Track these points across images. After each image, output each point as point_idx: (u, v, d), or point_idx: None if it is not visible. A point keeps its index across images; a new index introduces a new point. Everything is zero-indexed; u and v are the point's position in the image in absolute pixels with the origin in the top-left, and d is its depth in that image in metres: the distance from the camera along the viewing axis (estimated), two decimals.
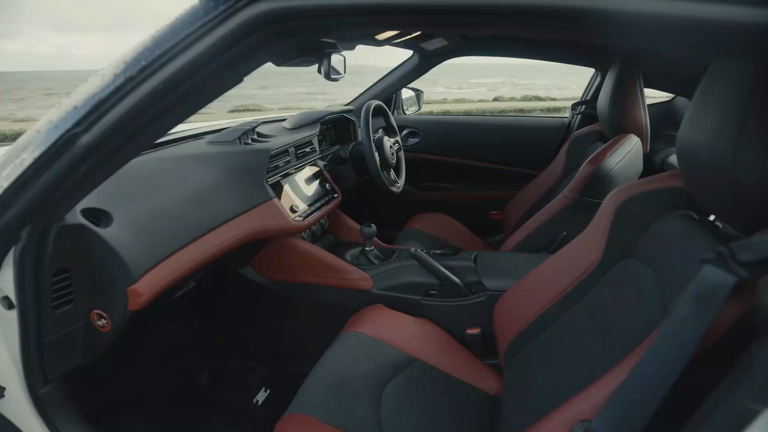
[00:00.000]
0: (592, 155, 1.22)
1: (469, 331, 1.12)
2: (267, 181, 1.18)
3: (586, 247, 0.81)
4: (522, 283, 0.94)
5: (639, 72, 1.28)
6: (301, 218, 1.25)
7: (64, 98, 0.55)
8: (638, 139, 1.28)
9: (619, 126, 1.30)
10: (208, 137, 1.26)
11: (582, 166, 1.23)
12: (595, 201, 1.19)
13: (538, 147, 1.91)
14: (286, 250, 1.26)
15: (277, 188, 1.23)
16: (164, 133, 0.58)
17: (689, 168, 0.57)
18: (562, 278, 0.82)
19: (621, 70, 1.28)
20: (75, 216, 0.73)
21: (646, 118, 1.30)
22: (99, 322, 0.80)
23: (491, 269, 1.18)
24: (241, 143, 1.24)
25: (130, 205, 0.84)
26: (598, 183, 1.18)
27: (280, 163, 1.27)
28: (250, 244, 1.12)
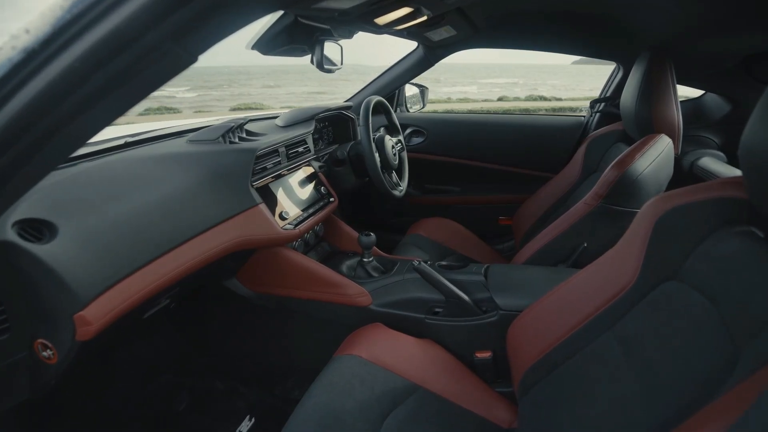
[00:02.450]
0: (619, 158, 1.09)
1: (479, 355, 1.01)
2: (252, 185, 1.06)
3: (618, 265, 0.71)
4: (541, 303, 0.84)
5: (671, 64, 1.14)
6: (291, 226, 1.12)
7: None
8: (670, 140, 1.14)
9: (648, 125, 1.16)
10: (190, 135, 1.14)
11: (607, 170, 1.10)
12: (621, 209, 1.07)
13: (552, 148, 1.79)
14: (275, 261, 1.13)
15: (265, 193, 1.11)
16: (91, 134, 0.44)
17: (758, 174, 0.47)
18: (588, 300, 0.73)
19: (650, 63, 1.14)
20: (3, 231, 0.60)
21: (679, 117, 1.16)
22: (44, 353, 0.68)
23: (504, 285, 1.06)
24: (225, 142, 1.11)
25: (83, 215, 0.72)
26: (625, 189, 1.05)
27: (269, 164, 1.14)
28: (235, 254, 1.00)
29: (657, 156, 1.08)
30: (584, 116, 1.79)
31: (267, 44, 0.91)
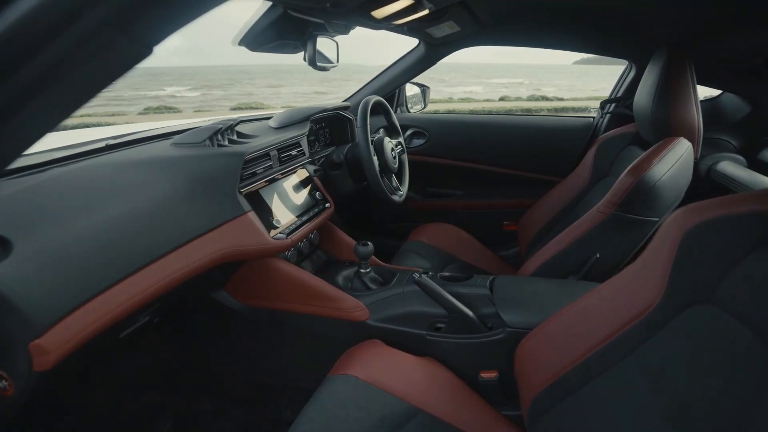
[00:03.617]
0: (635, 162, 1.02)
1: (485, 375, 0.94)
2: (240, 191, 0.98)
3: (639, 283, 0.64)
4: (553, 321, 0.78)
5: (690, 62, 1.06)
6: (283, 235, 1.05)
7: None
8: (689, 143, 1.07)
9: (665, 128, 1.09)
10: (175, 138, 1.07)
11: (621, 175, 1.02)
12: (637, 218, 1.00)
13: (560, 150, 1.71)
14: (266, 272, 1.06)
15: (255, 199, 1.04)
16: (26, 142, 0.35)
17: None
18: (606, 320, 0.66)
19: (669, 61, 1.06)
20: None
21: (699, 119, 1.09)
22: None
23: (511, 300, 0.99)
24: (213, 145, 1.04)
25: (44, 229, 0.64)
26: (642, 196, 0.98)
27: (259, 169, 1.07)
28: (223, 266, 0.94)
29: (676, 161, 1.01)
30: (593, 117, 1.71)
31: (255, 39, 0.83)
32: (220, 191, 0.94)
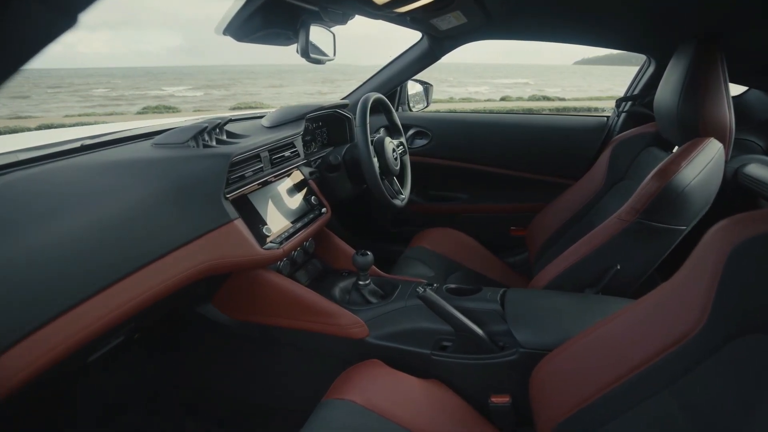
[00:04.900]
0: (661, 166, 0.93)
1: (495, 400, 0.86)
2: (226, 197, 0.90)
3: (676, 305, 0.57)
4: (575, 343, 0.70)
5: (722, 56, 0.97)
6: (275, 245, 0.96)
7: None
8: (720, 144, 0.97)
9: (693, 127, 0.99)
10: (157, 138, 0.98)
11: (646, 179, 0.93)
12: (662, 226, 0.91)
13: (572, 152, 1.62)
14: (256, 285, 0.98)
15: (243, 205, 0.95)
16: None
17: None
18: (638, 345, 0.59)
19: (697, 54, 0.97)
20: None
21: (731, 118, 1.00)
22: None
23: (525, 316, 0.90)
24: (198, 145, 0.95)
25: None
26: (669, 203, 0.89)
27: (248, 171, 0.98)
28: (208, 278, 0.85)
29: (707, 164, 0.92)
30: (607, 116, 1.62)
31: (241, 28, 0.75)
32: (204, 197, 0.86)
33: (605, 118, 1.62)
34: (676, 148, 1.15)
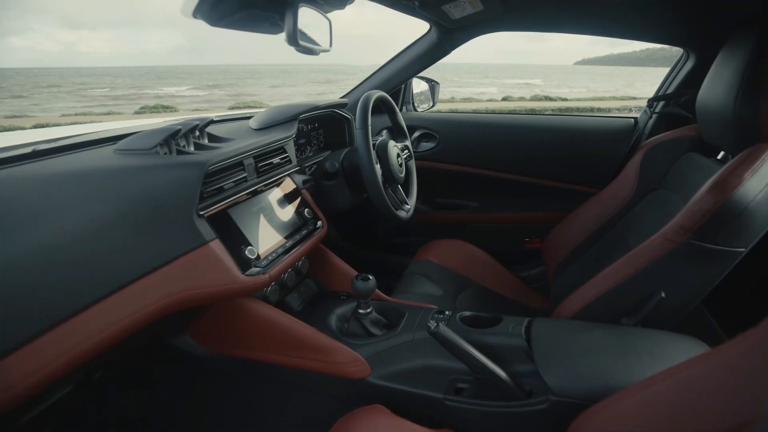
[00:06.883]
0: (717, 177, 0.78)
1: None
2: (200, 214, 0.75)
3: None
4: (629, 395, 0.55)
5: None
6: (259, 269, 0.82)
7: None
8: None
9: (754, 132, 0.85)
10: (120, 143, 0.84)
11: (699, 193, 0.79)
12: (719, 248, 0.77)
13: (595, 156, 1.49)
14: (238, 315, 0.84)
15: (222, 223, 0.81)
16: None
17: None
18: (719, 413, 0.43)
19: (758, 43, 0.83)
20: None
21: None
22: None
23: (556, 354, 0.76)
24: (171, 151, 0.81)
25: None
26: (729, 221, 0.75)
27: (228, 183, 0.84)
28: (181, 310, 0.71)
29: None
30: (634, 117, 1.48)
31: (214, 8, 0.61)
32: (172, 215, 0.71)
33: (633, 120, 1.48)
34: (722, 154, 1.01)
